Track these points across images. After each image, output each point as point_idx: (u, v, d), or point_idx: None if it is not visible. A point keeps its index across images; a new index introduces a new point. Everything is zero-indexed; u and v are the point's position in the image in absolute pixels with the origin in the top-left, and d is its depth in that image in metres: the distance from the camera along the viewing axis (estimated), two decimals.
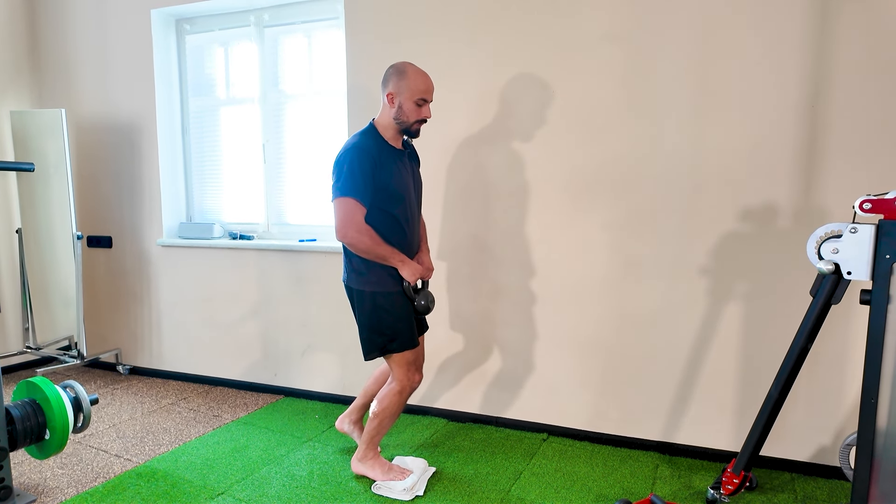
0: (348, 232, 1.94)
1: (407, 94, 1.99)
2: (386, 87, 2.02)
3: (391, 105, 2.01)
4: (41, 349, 3.47)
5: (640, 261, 2.42)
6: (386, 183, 1.99)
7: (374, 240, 1.97)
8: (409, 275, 2.04)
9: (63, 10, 3.47)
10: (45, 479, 2.25)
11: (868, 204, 1.60)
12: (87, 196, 3.57)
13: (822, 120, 2.14)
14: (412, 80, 1.98)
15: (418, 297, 2.09)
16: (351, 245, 1.97)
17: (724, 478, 1.98)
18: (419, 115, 2.02)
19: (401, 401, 2.13)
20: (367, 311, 2.07)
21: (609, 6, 2.36)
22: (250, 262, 3.17)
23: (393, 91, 2.00)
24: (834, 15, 2.09)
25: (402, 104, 2.00)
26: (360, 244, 1.95)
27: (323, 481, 2.22)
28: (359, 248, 1.96)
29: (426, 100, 2.02)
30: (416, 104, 2.00)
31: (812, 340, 1.81)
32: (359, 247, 1.96)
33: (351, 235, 1.94)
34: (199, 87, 3.39)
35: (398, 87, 1.99)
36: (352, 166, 1.93)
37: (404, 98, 1.99)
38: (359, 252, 1.98)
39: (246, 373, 3.26)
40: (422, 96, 2.00)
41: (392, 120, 2.03)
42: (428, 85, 2.01)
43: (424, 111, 2.02)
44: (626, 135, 2.39)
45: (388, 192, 2.00)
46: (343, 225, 1.94)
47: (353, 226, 1.94)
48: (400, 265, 2.03)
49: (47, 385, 2.02)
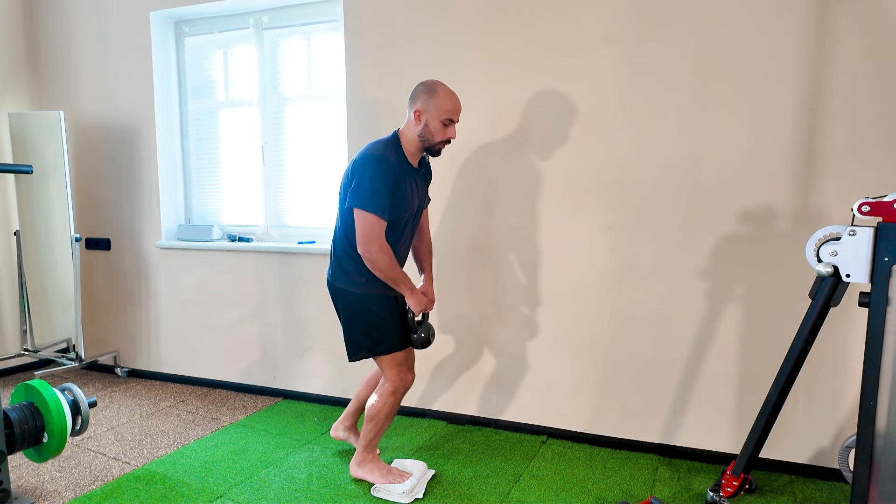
0: (371, 248, 1.94)
1: (434, 113, 1.99)
2: (414, 103, 2.02)
3: (417, 122, 2.01)
4: (39, 352, 3.46)
5: (638, 263, 2.43)
6: (398, 200, 2.00)
7: (393, 261, 1.99)
8: (414, 305, 2.06)
9: (62, 12, 3.47)
10: (43, 482, 2.24)
11: (866, 206, 1.60)
12: (85, 198, 3.56)
13: (820, 123, 2.14)
14: (441, 100, 1.98)
15: (420, 328, 2.11)
16: (370, 261, 1.97)
17: (724, 480, 1.98)
18: (444, 136, 2.02)
19: (395, 401, 2.13)
20: (355, 312, 2.08)
21: (608, 10, 2.37)
22: (249, 264, 3.16)
23: (420, 108, 2.00)
24: (832, 18, 2.09)
25: (429, 122, 1.99)
26: (380, 262, 1.96)
27: (322, 484, 2.22)
28: (378, 265, 1.97)
29: (453, 120, 2.01)
30: (442, 124, 2.00)
31: (811, 342, 1.82)
32: (378, 265, 1.97)
33: (373, 251, 1.95)
34: (199, 89, 3.39)
35: (426, 105, 1.99)
36: (374, 179, 1.93)
37: (431, 116, 1.99)
38: (374, 269, 1.98)
39: (244, 375, 3.26)
40: (449, 116, 2.00)
41: (416, 137, 2.02)
42: (456, 105, 2.01)
43: (450, 131, 2.02)
44: (625, 137, 2.39)
45: (395, 209, 2.01)
46: (367, 240, 1.94)
47: (376, 242, 1.94)
48: (408, 294, 2.05)
49: (45, 388, 2.01)
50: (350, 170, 2.01)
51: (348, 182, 2.01)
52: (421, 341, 2.10)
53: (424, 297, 2.11)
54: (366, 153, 1.98)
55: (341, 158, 3.02)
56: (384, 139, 2.04)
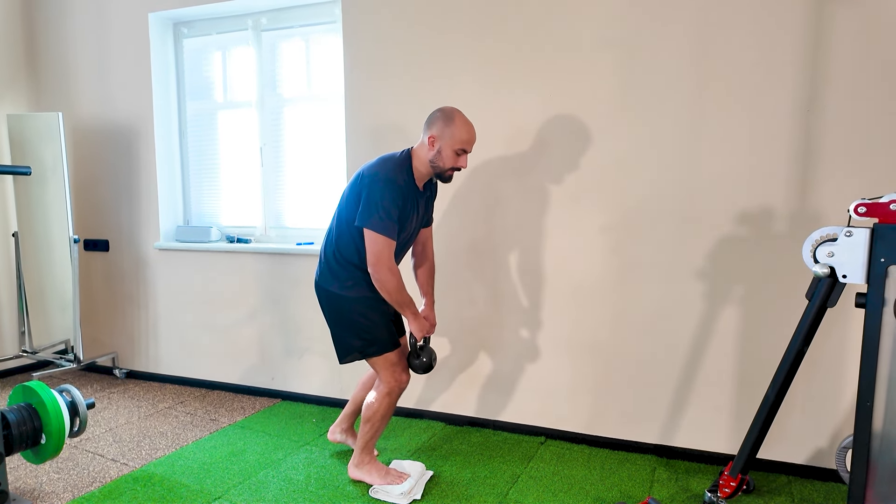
0: (381, 269, 1.96)
1: (449, 142, 1.99)
2: (429, 129, 2.02)
3: (430, 147, 2.01)
4: (37, 353, 3.46)
5: (637, 264, 2.43)
6: (400, 222, 2.01)
7: (401, 283, 2.01)
8: (417, 330, 2.09)
9: (61, 14, 3.47)
10: (41, 483, 2.24)
11: (863, 208, 1.61)
12: (84, 199, 3.56)
13: (817, 124, 2.15)
14: (457, 129, 1.99)
15: (422, 353, 2.13)
16: (379, 281, 1.99)
17: (722, 480, 1.98)
18: (455, 164, 2.03)
19: (391, 402, 2.13)
20: (344, 315, 2.08)
21: (605, 13, 2.37)
22: (247, 265, 3.17)
23: (436, 135, 2.00)
24: (829, 20, 2.10)
25: (442, 149, 2.00)
26: (388, 283, 1.98)
27: (320, 485, 2.22)
28: (385, 286, 1.99)
29: (466, 150, 2.02)
30: (455, 152, 2.00)
31: (808, 343, 1.82)
32: (386, 286, 1.98)
33: (383, 272, 1.96)
34: (197, 90, 3.39)
35: (442, 132, 1.99)
36: (385, 201, 1.93)
37: (445, 144, 1.99)
38: (382, 289, 2.00)
39: (243, 376, 3.26)
40: (462, 146, 2.00)
41: (428, 161, 2.03)
42: (471, 136, 2.02)
43: (461, 161, 2.03)
44: (624, 139, 2.40)
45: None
46: (377, 260, 1.96)
47: (386, 263, 1.96)
48: (412, 318, 2.07)
49: (43, 389, 2.01)
50: (359, 183, 2.01)
51: (355, 195, 2.01)
52: (422, 366, 2.12)
53: (426, 321, 2.13)
54: (377, 172, 1.98)
55: (339, 160, 3.02)
56: (397, 158, 2.03)
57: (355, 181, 2.04)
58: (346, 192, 2.07)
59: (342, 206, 2.08)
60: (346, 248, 2.05)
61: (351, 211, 2.03)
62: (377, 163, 2.03)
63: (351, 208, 2.03)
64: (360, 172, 2.04)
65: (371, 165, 2.02)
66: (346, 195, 2.06)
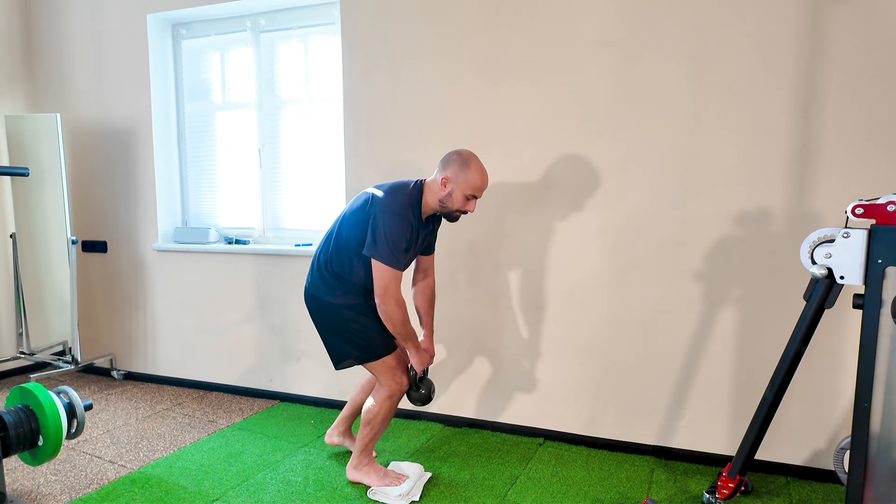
0: (389, 301, 1.99)
1: (461, 186, 2.01)
2: (444, 169, 2.03)
3: (442, 188, 2.02)
4: (35, 354, 3.45)
5: (635, 265, 2.43)
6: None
7: (407, 316, 2.04)
8: (417, 364, 2.13)
9: (58, 15, 3.47)
10: (39, 485, 2.23)
11: (860, 209, 1.61)
12: (82, 201, 3.56)
13: (814, 125, 2.15)
14: (472, 176, 2.01)
15: (422, 385, 2.16)
16: (385, 312, 2.01)
17: (720, 482, 1.98)
18: (464, 207, 2.05)
19: (391, 405, 2.13)
20: (336, 323, 2.09)
21: (604, 16, 2.38)
22: (246, 266, 3.16)
23: (449, 177, 2.01)
24: (826, 21, 2.11)
25: (453, 192, 2.02)
26: (394, 315, 2.01)
27: (318, 487, 2.22)
28: (391, 317, 2.01)
29: (476, 196, 2.05)
30: (465, 196, 2.03)
31: (806, 344, 1.82)
32: (392, 317, 2.01)
33: (390, 304, 1.99)
34: (195, 91, 3.39)
35: (456, 175, 2.00)
36: (395, 236, 1.95)
37: (457, 188, 2.01)
38: (388, 320, 2.03)
39: (241, 378, 3.25)
40: (474, 192, 2.03)
41: (437, 200, 2.05)
42: (484, 183, 2.04)
43: (470, 205, 2.05)
44: (621, 140, 2.40)
45: None
46: (385, 292, 1.98)
47: (394, 296, 1.99)
48: (413, 351, 2.11)
49: (40, 391, 2.01)
50: (367, 208, 2.00)
51: (362, 219, 2.00)
52: (422, 399, 2.16)
53: (426, 354, 2.16)
54: (389, 206, 1.98)
55: (338, 161, 3.02)
56: (409, 192, 2.04)
57: (364, 205, 2.02)
58: (352, 213, 2.06)
59: (345, 223, 2.07)
60: (340, 265, 2.06)
61: (355, 232, 2.02)
62: (388, 194, 2.02)
63: (355, 230, 2.02)
64: (369, 197, 2.03)
65: (383, 196, 2.01)
66: (352, 216, 2.05)
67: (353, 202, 2.11)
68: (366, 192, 2.09)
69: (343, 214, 2.11)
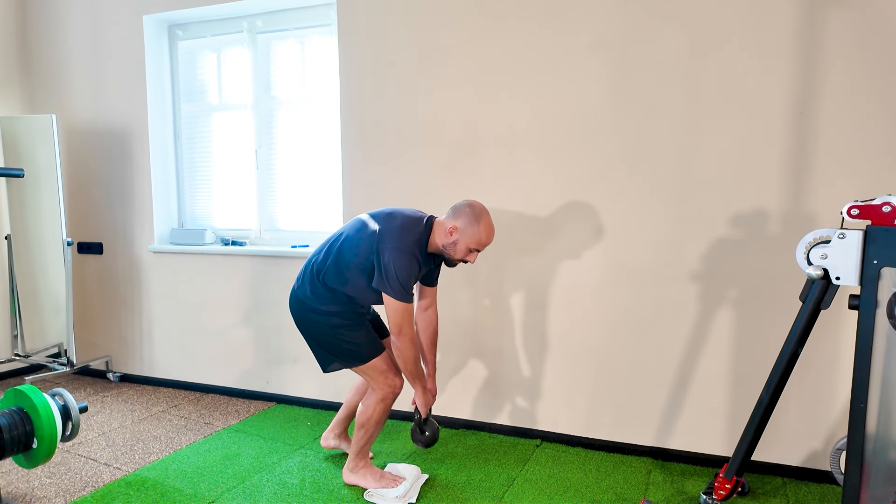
0: (404, 339, 2.01)
1: (468, 239, 2.03)
2: (454, 219, 2.04)
3: (448, 235, 2.04)
4: (30, 357, 3.43)
5: (631, 266, 2.43)
6: None
7: (418, 356, 2.07)
8: (423, 405, 2.14)
9: (54, 16, 3.46)
10: (33, 488, 2.22)
11: (855, 210, 1.61)
12: (77, 202, 3.54)
13: (810, 127, 2.16)
14: (480, 232, 2.02)
15: (426, 427, 2.18)
16: (399, 349, 2.03)
17: (717, 483, 1.98)
18: (465, 257, 2.07)
19: (385, 407, 2.13)
20: (323, 329, 2.09)
21: (599, 15, 2.38)
22: (242, 268, 3.15)
23: (458, 228, 2.02)
24: (822, 22, 2.11)
25: (458, 242, 2.04)
26: (407, 352, 2.03)
27: (315, 489, 2.21)
28: (404, 354, 2.03)
29: (479, 250, 2.07)
30: (469, 248, 2.05)
31: (802, 345, 1.83)
32: (405, 354, 2.03)
33: (405, 343, 2.02)
34: (192, 92, 3.38)
35: (465, 228, 2.02)
36: (404, 272, 1.97)
37: (463, 239, 2.03)
38: (400, 357, 2.04)
39: (238, 380, 3.24)
40: (477, 247, 2.05)
41: (441, 245, 2.06)
42: (490, 239, 2.06)
43: (471, 257, 2.07)
44: (617, 141, 2.40)
45: None
46: (400, 331, 2.01)
47: (409, 334, 2.02)
48: (420, 393, 2.13)
49: (35, 393, 1.99)
50: (376, 240, 2.00)
51: (367, 246, 2.00)
52: (426, 441, 2.18)
53: (430, 395, 2.16)
54: (399, 242, 1.98)
55: (334, 162, 3.02)
56: (419, 230, 2.04)
57: (371, 235, 2.01)
58: (356, 236, 2.04)
59: (347, 244, 2.05)
60: (335, 280, 2.06)
61: (358, 258, 2.02)
62: (399, 231, 2.01)
63: (359, 256, 2.02)
64: (379, 231, 2.01)
65: (393, 232, 2.00)
66: (356, 240, 2.04)
67: (356, 224, 2.09)
68: (372, 216, 2.08)
69: (345, 234, 2.09)
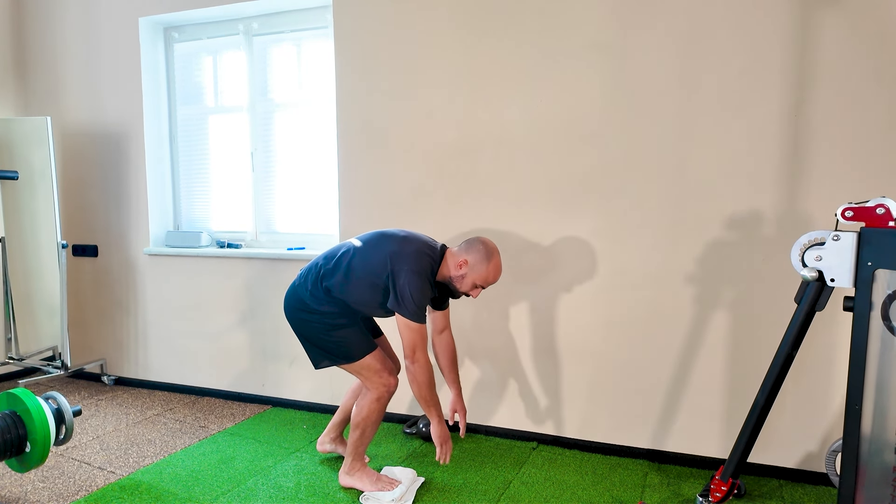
0: (417, 363, 2.01)
1: (476, 276, 2.05)
2: (466, 253, 2.06)
3: (457, 268, 2.06)
4: (24, 360, 3.41)
5: (627, 268, 2.44)
6: None
7: (433, 381, 2.06)
8: (437, 437, 2.10)
9: (50, 18, 3.45)
10: (26, 492, 2.21)
11: (850, 212, 1.62)
12: (72, 204, 3.53)
13: (804, 129, 2.17)
14: (489, 271, 2.05)
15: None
16: (413, 374, 2.02)
17: (713, 485, 1.98)
18: (469, 291, 2.10)
19: (380, 408, 2.12)
20: (315, 330, 2.08)
21: (595, 16, 2.39)
22: (238, 270, 3.15)
23: (469, 262, 2.05)
24: (815, 25, 2.12)
25: (466, 277, 2.06)
26: (421, 377, 2.02)
27: (310, 492, 2.20)
28: (418, 378, 2.02)
29: (484, 287, 2.10)
30: (475, 284, 2.07)
31: (797, 347, 1.83)
32: (419, 378, 2.02)
33: (419, 366, 2.01)
34: (188, 95, 3.37)
35: (475, 265, 2.04)
36: (419, 296, 1.98)
37: (471, 275, 2.05)
38: (413, 381, 2.04)
39: (233, 383, 3.23)
40: (483, 284, 2.08)
41: (449, 275, 2.08)
42: (497, 279, 2.09)
43: (475, 293, 2.10)
44: (612, 143, 2.41)
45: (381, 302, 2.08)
46: (413, 353, 2.01)
47: (423, 358, 2.02)
48: (435, 422, 2.09)
49: (28, 396, 1.98)
50: (390, 260, 1.99)
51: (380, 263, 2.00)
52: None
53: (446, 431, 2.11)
54: (414, 266, 1.98)
55: (331, 165, 3.01)
56: (434, 258, 2.05)
57: (388, 256, 2.00)
58: (372, 253, 2.04)
59: (358, 259, 2.05)
60: (341, 292, 2.05)
61: (369, 274, 2.02)
62: (416, 253, 2.01)
63: (371, 271, 2.02)
64: (396, 252, 2.01)
65: (409, 255, 2.00)
66: (371, 255, 2.04)
67: (372, 240, 2.09)
68: (389, 236, 2.07)
69: (359, 249, 2.08)
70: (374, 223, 2.81)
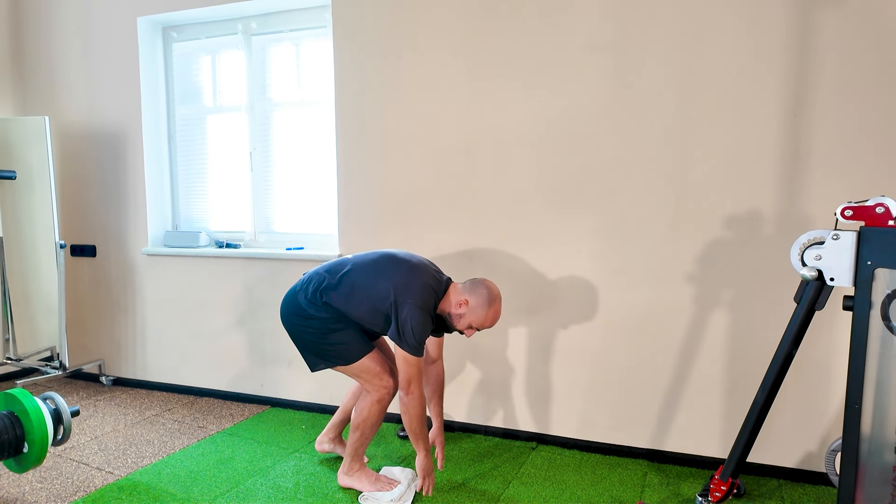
0: (412, 395, 2.03)
1: (474, 317, 2.07)
2: (469, 294, 2.07)
3: (458, 306, 2.07)
4: (22, 360, 3.41)
5: (626, 268, 2.43)
6: None
7: (424, 414, 2.07)
8: (420, 470, 2.12)
9: (48, 17, 3.45)
10: (24, 493, 2.20)
11: (849, 211, 1.62)
12: (70, 204, 3.52)
13: (804, 129, 2.17)
14: (486, 316, 2.07)
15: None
16: (406, 405, 2.04)
17: (713, 485, 1.98)
18: (464, 329, 2.11)
19: (380, 409, 2.12)
20: (310, 335, 2.08)
21: (594, 16, 2.39)
22: (237, 270, 3.14)
23: (469, 303, 2.06)
24: (815, 24, 2.12)
25: (464, 316, 2.08)
26: (413, 409, 2.04)
27: (309, 493, 2.19)
28: (410, 412, 2.04)
29: (479, 330, 2.13)
30: (471, 325, 2.09)
31: (797, 346, 1.83)
32: (412, 411, 2.04)
33: (413, 399, 2.03)
34: (186, 94, 3.37)
35: (476, 308, 2.06)
36: (420, 331, 1.99)
37: (469, 315, 2.07)
38: (406, 412, 2.05)
39: (232, 383, 3.22)
40: (479, 327, 2.10)
41: (447, 311, 2.10)
42: (494, 324, 2.12)
43: (469, 333, 2.12)
44: (612, 143, 2.41)
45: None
46: (408, 385, 2.02)
47: (418, 391, 2.03)
48: (421, 455, 2.11)
49: (26, 397, 1.98)
50: (394, 292, 2.00)
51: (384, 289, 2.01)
52: None
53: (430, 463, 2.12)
54: (418, 299, 1.99)
55: (330, 164, 3.01)
56: (439, 293, 2.07)
57: (392, 285, 2.01)
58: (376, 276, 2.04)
59: (363, 281, 2.04)
60: (341, 303, 2.05)
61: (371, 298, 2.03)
62: (422, 287, 2.02)
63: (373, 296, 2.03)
64: (401, 283, 2.01)
65: (416, 287, 2.01)
66: (375, 278, 2.04)
67: (379, 261, 2.09)
68: (397, 261, 2.07)
69: (364, 267, 2.08)
70: (374, 223, 2.81)
